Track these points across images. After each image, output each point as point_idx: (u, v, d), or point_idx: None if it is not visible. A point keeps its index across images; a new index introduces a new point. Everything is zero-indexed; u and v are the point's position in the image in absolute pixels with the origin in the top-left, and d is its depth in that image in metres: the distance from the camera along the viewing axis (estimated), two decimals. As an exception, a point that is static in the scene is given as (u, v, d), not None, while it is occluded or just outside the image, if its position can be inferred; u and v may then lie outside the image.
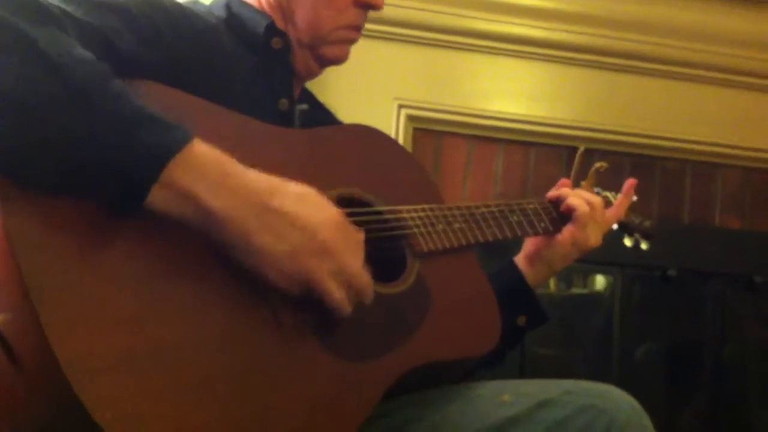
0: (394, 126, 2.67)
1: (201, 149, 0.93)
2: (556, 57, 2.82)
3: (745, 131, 2.91)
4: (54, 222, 0.88)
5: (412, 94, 2.72)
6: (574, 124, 2.83)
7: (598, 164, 1.60)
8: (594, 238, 1.45)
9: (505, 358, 1.32)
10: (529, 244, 1.47)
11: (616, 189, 1.62)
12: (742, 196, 2.97)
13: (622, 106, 2.85)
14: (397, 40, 2.63)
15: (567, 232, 1.43)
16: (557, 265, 1.47)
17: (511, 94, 2.81)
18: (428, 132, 2.77)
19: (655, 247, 1.68)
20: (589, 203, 1.45)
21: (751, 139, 2.92)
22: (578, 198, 1.45)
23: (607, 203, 1.55)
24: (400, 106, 2.70)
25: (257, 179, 0.97)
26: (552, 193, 1.50)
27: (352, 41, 1.35)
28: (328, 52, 1.33)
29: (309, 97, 1.43)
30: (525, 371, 2.65)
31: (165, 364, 0.89)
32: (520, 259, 1.47)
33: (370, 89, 2.57)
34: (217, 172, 0.94)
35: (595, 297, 2.90)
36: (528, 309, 1.43)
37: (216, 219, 0.93)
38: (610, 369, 2.84)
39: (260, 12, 1.30)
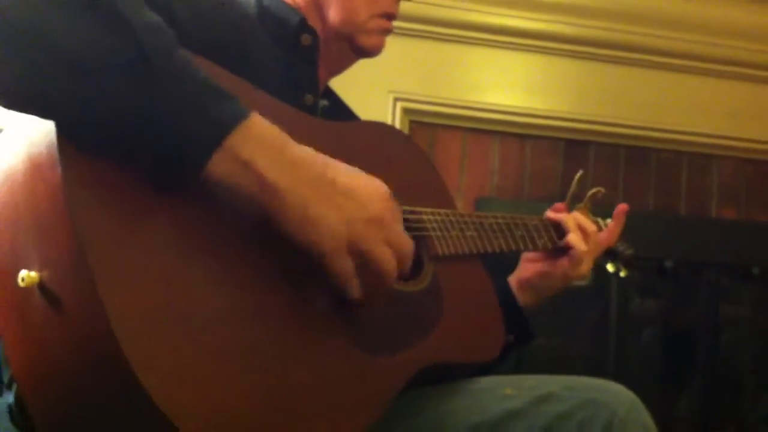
0: (390, 119, 2.68)
1: (261, 122, 0.94)
2: (551, 49, 2.82)
3: (740, 122, 2.92)
4: (110, 182, 0.88)
5: (407, 87, 2.72)
6: (570, 116, 2.83)
7: (594, 190, 1.61)
8: (585, 268, 1.49)
9: (492, 372, 1.34)
10: (524, 271, 1.50)
11: (613, 184, 1.63)
12: (737, 187, 2.98)
13: (617, 97, 2.86)
14: (393, 34, 2.61)
15: (560, 267, 1.47)
16: (545, 294, 1.50)
17: (506, 86, 2.82)
18: (424, 125, 2.77)
19: (652, 238, 1.69)
20: (586, 235, 1.49)
21: (746, 130, 2.93)
22: (576, 235, 1.48)
23: (600, 228, 1.57)
24: (396, 99, 2.71)
25: (311, 154, 0.98)
26: (550, 214, 1.52)
27: (387, 31, 1.35)
28: (366, 41, 1.33)
29: (331, 94, 1.43)
30: (522, 361, 2.66)
31: (202, 330, 0.89)
32: (513, 280, 1.50)
33: (365, 82, 2.56)
34: (275, 145, 0.94)
35: (592, 288, 2.91)
36: (517, 329, 1.45)
37: (274, 190, 0.93)
38: (607, 359, 2.85)
39: (292, 8, 1.31)
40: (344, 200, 0.98)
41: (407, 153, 1.36)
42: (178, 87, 0.89)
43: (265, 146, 0.93)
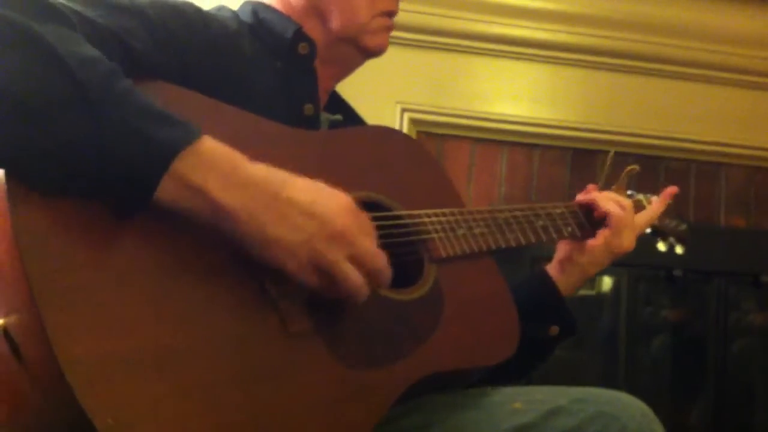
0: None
1: (209, 144, 0.93)
2: (559, 58, 2.82)
3: (749, 130, 2.92)
4: (61, 224, 0.88)
5: (414, 98, 2.72)
6: (577, 125, 2.83)
7: (630, 167, 1.58)
8: (628, 242, 1.44)
9: (535, 370, 1.31)
10: (561, 250, 1.46)
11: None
12: (746, 196, 2.97)
13: (625, 106, 2.85)
14: (400, 44, 2.63)
15: (601, 237, 1.42)
16: (590, 271, 1.45)
17: (513, 96, 2.81)
18: (432, 135, 2.77)
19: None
20: (622, 207, 1.45)
21: (755, 138, 2.92)
22: (611, 202, 1.44)
23: (639, 206, 1.54)
24: (403, 110, 2.71)
25: (267, 172, 0.97)
26: (581, 197, 1.49)
27: (389, 28, 1.36)
28: (371, 41, 1.33)
29: (343, 106, 1.43)
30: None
31: (168, 369, 0.88)
32: (551, 267, 1.46)
33: (373, 93, 2.57)
34: (226, 166, 0.93)
35: (601, 297, 2.90)
36: (560, 319, 1.42)
37: (228, 214, 0.93)
38: (617, 369, 2.84)
39: (288, 18, 1.31)
40: (303, 219, 0.97)
41: (410, 155, 1.34)
42: (118, 116, 0.88)
43: (215, 168, 0.92)
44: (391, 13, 1.35)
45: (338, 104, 1.42)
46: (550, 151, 2.85)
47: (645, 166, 2.88)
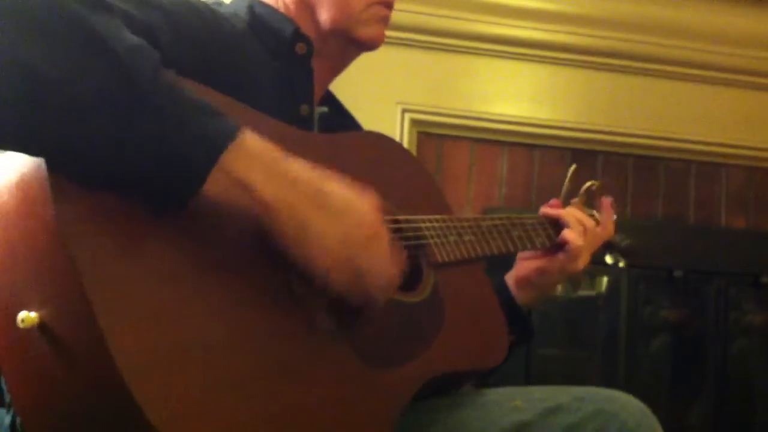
0: (398, 130, 2.68)
1: (253, 138, 0.93)
2: (559, 59, 2.83)
3: (749, 130, 2.92)
4: (103, 215, 0.87)
5: (415, 98, 2.73)
6: (577, 125, 2.84)
7: (589, 183, 1.60)
8: (582, 263, 1.47)
9: (494, 373, 1.33)
10: (521, 269, 1.48)
11: (621, 193, 1.62)
12: (746, 196, 2.97)
13: (625, 107, 2.86)
14: (400, 45, 2.64)
15: (558, 262, 1.45)
16: (546, 290, 1.49)
17: (514, 96, 2.82)
18: (432, 136, 2.78)
19: (661, 247, 1.69)
20: (584, 230, 1.47)
21: (755, 138, 2.93)
22: (573, 230, 1.46)
23: (597, 222, 1.56)
24: (404, 111, 2.71)
25: (307, 168, 0.98)
26: (547, 211, 1.50)
27: (385, 18, 1.31)
28: (365, 33, 1.29)
29: (332, 100, 1.41)
30: (531, 372, 2.65)
31: (207, 361, 0.89)
32: (510, 280, 1.48)
33: (373, 94, 2.58)
34: (269, 160, 0.94)
35: (601, 297, 2.90)
36: (517, 327, 1.43)
37: (270, 207, 0.93)
38: (617, 369, 2.84)
39: (284, 16, 1.28)
40: (342, 217, 0.98)
41: (402, 162, 1.35)
42: (166, 107, 0.88)
43: (258, 162, 0.92)
44: (387, 4, 1.31)
45: (326, 97, 1.40)
46: (550, 151, 2.86)
47: (645, 167, 2.91)
